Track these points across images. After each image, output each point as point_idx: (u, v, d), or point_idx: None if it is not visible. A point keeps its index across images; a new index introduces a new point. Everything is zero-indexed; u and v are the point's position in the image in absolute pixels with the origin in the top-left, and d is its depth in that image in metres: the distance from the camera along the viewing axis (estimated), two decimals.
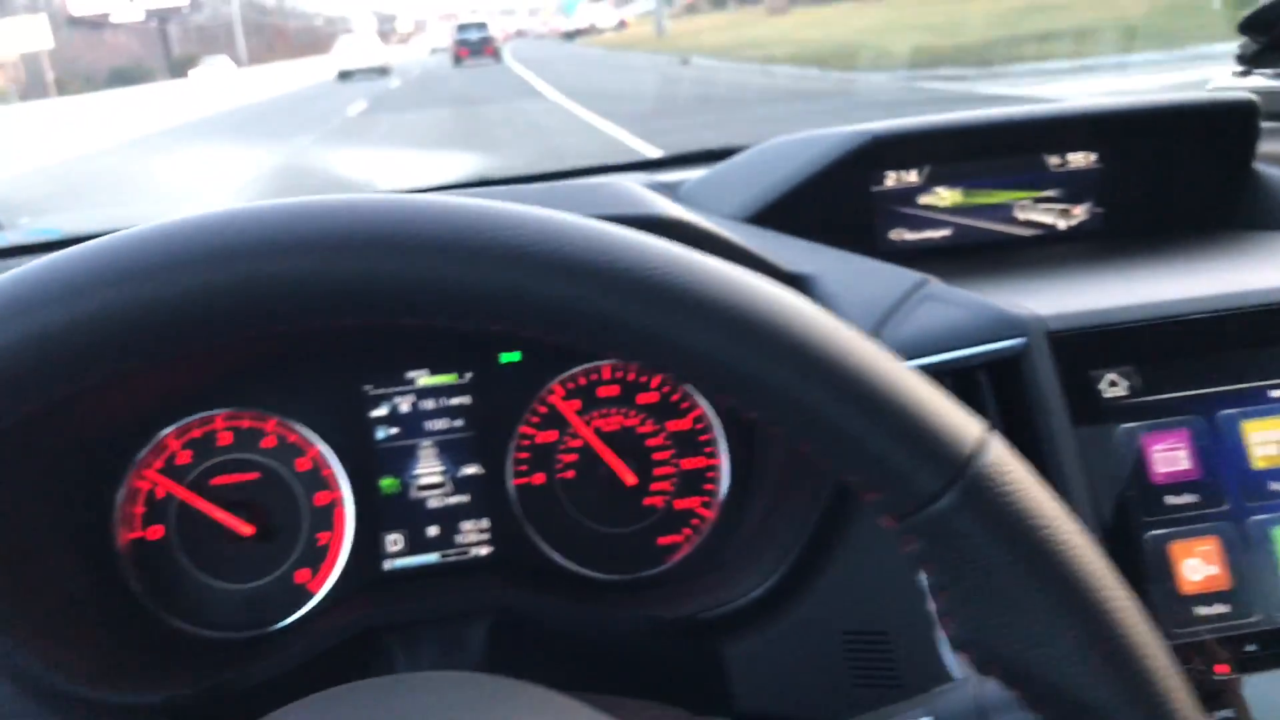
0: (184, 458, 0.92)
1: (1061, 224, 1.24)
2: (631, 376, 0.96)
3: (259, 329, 0.40)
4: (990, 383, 0.81)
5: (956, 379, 0.81)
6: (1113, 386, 0.80)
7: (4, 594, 0.76)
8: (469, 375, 0.95)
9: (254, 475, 0.93)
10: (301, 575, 0.92)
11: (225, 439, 0.92)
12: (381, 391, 0.94)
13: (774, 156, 1.17)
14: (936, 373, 0.80)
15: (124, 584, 0.90)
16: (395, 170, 8.65)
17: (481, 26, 37.91)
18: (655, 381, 0.96)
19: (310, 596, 0.92)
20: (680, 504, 0.97)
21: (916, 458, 0.41)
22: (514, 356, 0.96)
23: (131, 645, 0.86)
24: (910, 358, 0.80)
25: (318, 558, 0.93)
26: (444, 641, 0.87)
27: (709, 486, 0.97)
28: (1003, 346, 0.79)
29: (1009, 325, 0.80)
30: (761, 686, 0.81)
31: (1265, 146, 1.17)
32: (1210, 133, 1.16)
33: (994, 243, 1.22)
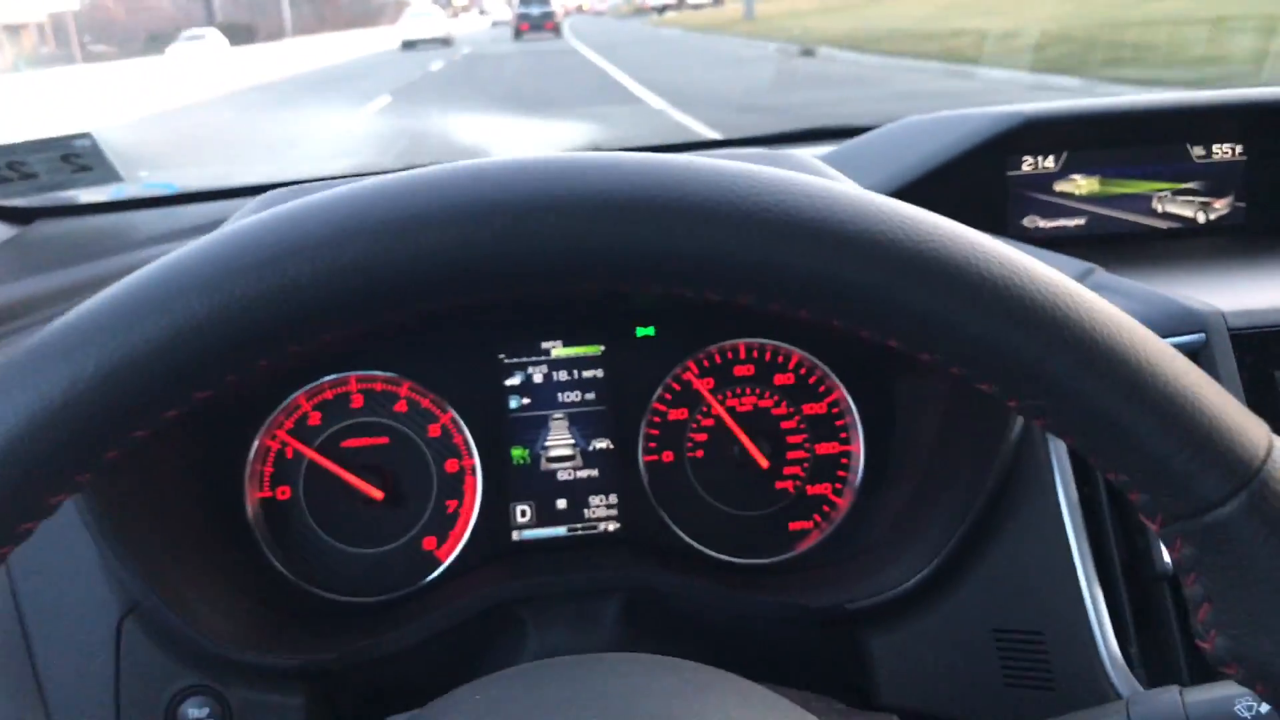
0: (315, 419, 0.91)
1: (1201, 217, 1.19)
2: (768, 356, 0.94)
3: (520, 290, 0.39)
4: None
5: None
6: None
7: (150, 552, 0.76)
8: (603, 348, 0.93)
9: (384, 440, 0.92)
10: (429, 542, 0.91)
11: (357, 402, 0.91)
12: (516, 361, 0.93)
13: (913, 135, 1.14)
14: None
15: (256, 546, 0.89)
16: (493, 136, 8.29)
17: (544, 2, 36.65)
18: (792, 362, 0.94)
19: (438, 564, 0.91)
20: (813, 489, 0.94)
21: (1202, 461, 0.39)
22: (649, 331, 0.94)
23: (268, 608, 0.85)
24: None
25: (446, 525, 0.92)
26: (576, 617, 0.86)
27: (843, 473, 0.94)
28: (1182, 342, 0.76)
29: (1189, 320, 0.77)
30: (907, 681, 0.79)
31: None
32: None
33: (1130, 234, 1.18)
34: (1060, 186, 1.17)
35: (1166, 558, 0.64)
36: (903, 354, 0.41)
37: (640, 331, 0.94)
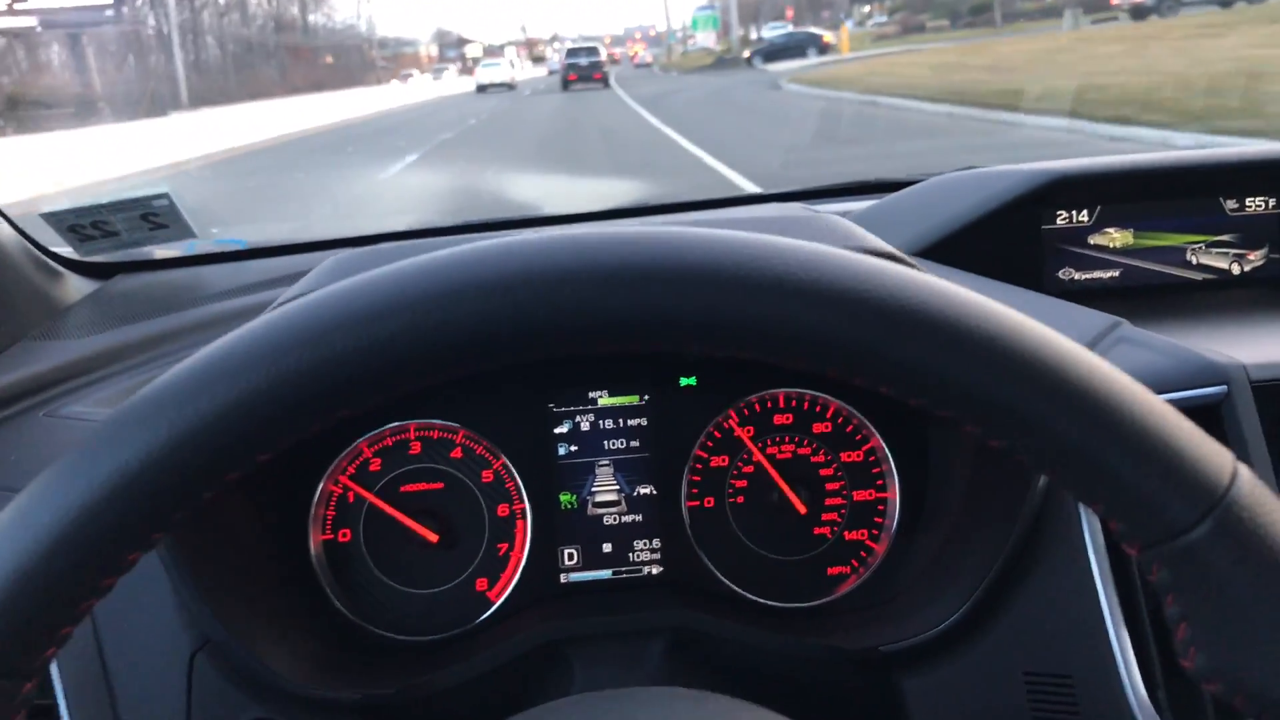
0: (375, 464, 0.96)
1: (1236, 269, 1.21)
2: (806, 405, 0.98)
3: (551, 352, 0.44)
4: None
5: None
6: None
7: (221, 593, 0.81)
8: (647, 397, 0.98)
9: (439, 485, 0.96)
10: (481, 583, 0.96)
11: (415, 448, 0.96)
12: (565, 410, 0.97)
13: (948, 191, 1.17)
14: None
15: (318, 585, 0.94)
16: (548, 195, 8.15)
17: (592, 51, 35.80)
18: (830, 411, 0.98)
19: (490, 604, 0.95)
20: (850, 535, 0.97)
21: (1171, 488, 0.42)
22: (691, 380, 0.98)
23: (329, 643, 0.90)
24: None
25: (498, 567, 0.96)
26: (622, 657, 0.89)
27: (879, 519, 0.97)
28: (1205, 394, 0.79)
29: (1210, 372, 0.79)
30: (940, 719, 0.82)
31: None
32: None
33: (1164, 285, 1.20)
34: (1095, 239, 1.20)
35: None
36: None
37: (683, 381, 0.98)
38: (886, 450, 0.97)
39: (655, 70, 53.77)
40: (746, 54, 40.50)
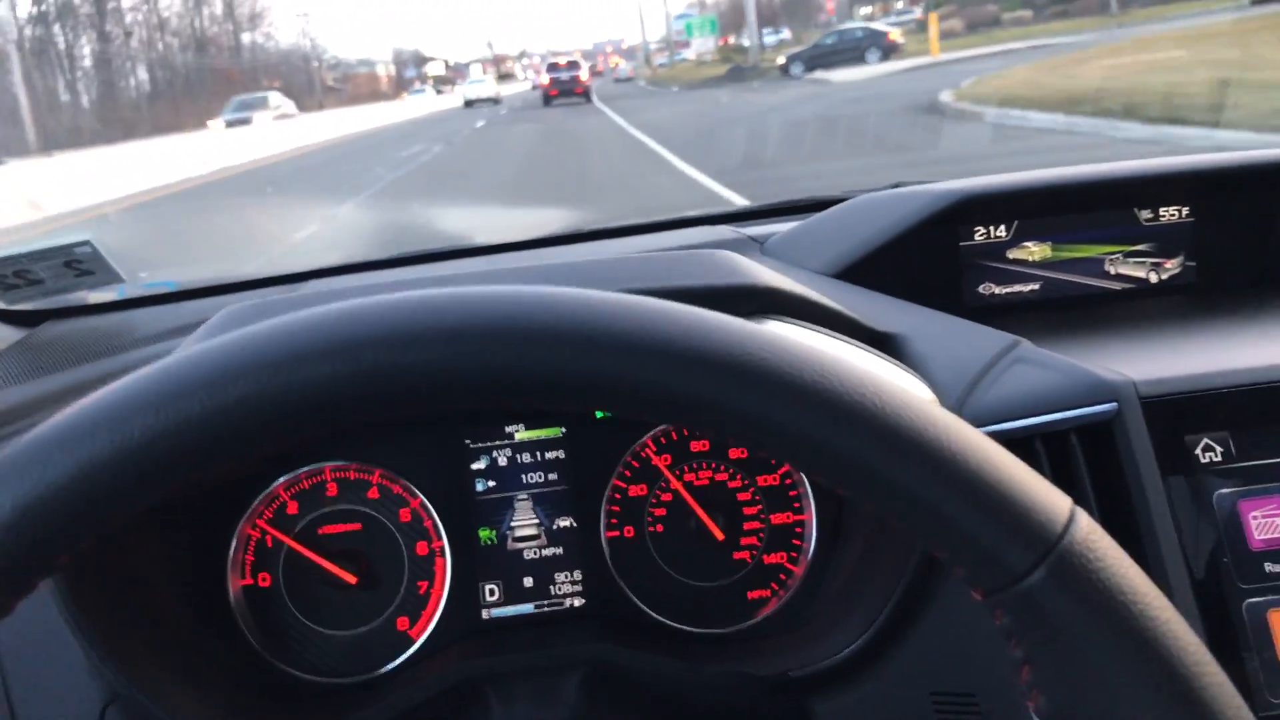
0: (293, 508, 0.96)
1: (1153, 277, 1.23)
2: None
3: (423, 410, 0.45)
4: (1083, 447, 0.82)
5: (1049, 443, 0.81)
6: (1208, 451, 0.80)
7: (129, 645, 0.81)
8: (564, 430, 0.98)
9: (357, 525, 0.97)
10: (403, 623, 0.96)
11: (332, 490, 0.97)
12: (481, 445, 0.98)
13: (862, 213, 1.19)
14: (1028, 437, 0.81)
15: (237, 630, 0.94)
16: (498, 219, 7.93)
17: (573, 65, 35.46)
18: None
19: (411, 643, 0.96)
20: (769, 559, 0.98)
21: (1005, 536, 0.43)
22: (607, 412, 0.98)
23: (246, 689, 0.90)
24: (1001, 421, 0.81)
25: (418, 606, 0.96)
26: (539, 692, 0.90)
27: (797, 542, 0.98)
28: (1094, 411, 0.80)
29: (1101, 390, 0.80)
30: None
31: None
32: None
33: (1083, 296, 1.22)
34: (1013, 254, 1.22)
35: None
36: None
37: (599, 413, 0.99)
38: (803, 474, 0.98)
39: (641, 84, 46.51)
40: (781, 60, 33.44)
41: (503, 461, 0.98)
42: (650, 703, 0.90)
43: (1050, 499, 0.44)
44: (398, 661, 0.95)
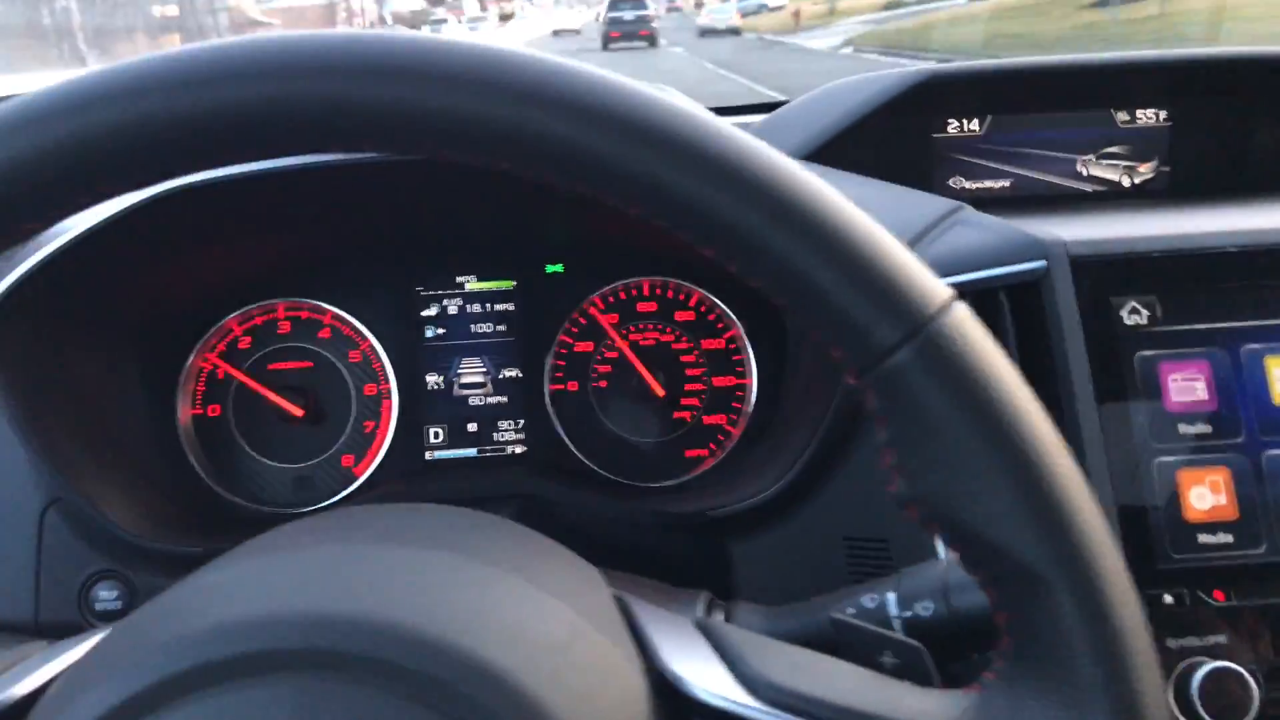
0: (245, 343, 0.99)
1: (1126, 181, 1.22)
2: (670, 294, 1.00)
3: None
4: (1012, 307, 0.82)
5: (980, 303, 0.82)
6: (1134, 314, 0.80)
7: (70, 453, 0.84)
8: (514, 283, 1.00)
9: (308, 364, 0.99)
10: (348, 459, 0.99)
11: (284, 328, 0.99)
12: (432, 293, 1.00)
13: (832, 98, 1.18)
14: (958, 293, 0.81)
15: (184, 457, 0.97)
16: None
17: (639, 4, 27.82)
18: (693, 300, 1.00)
19: (354, 479, 0.98)
20: (709, 419, 1.00)
21: (878, 310, 0.43)
22: (558, 268, 1.00)
23: (189, 512, 0.93)
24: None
25: (364, 444, 0.99)
26: None
27: (738, 405, 1.00)
28: (1023, 269, 0.80)
29: (1030, 248, 0.81)
30: (764, 582, 0.84)
31: None
32: None
33: (1054, 197, 1.21)
34: (986, 148, 1.21)
35: None
36: None
37: (549, 268, 1.00)
38: (746, 339, 0.99)
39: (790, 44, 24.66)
40: None
41: (453, 310, 1.00)
42: (579, 538, 0.92)
43: (930, 282, 0.44)
44: (341, 495, 0.98)
